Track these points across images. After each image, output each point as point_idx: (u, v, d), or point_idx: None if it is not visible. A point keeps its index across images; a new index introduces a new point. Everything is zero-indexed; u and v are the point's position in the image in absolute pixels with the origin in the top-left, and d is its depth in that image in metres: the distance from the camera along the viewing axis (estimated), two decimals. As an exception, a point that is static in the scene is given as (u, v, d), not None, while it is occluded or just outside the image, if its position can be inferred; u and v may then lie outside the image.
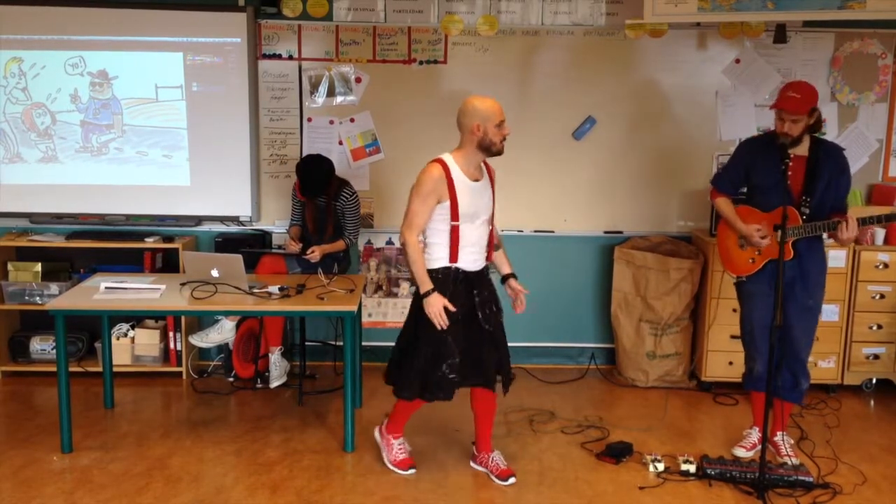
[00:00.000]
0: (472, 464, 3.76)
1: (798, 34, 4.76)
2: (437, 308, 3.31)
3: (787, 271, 3.54)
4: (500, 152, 3.39)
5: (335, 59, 4.79)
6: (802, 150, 3.56)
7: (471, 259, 3.45)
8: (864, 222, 3.48)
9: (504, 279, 3.64)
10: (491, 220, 3.54)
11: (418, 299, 3.40)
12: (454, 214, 3.35)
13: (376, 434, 3.78)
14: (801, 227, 3.51)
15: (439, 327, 3.32)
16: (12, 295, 4.72)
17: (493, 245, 3.58)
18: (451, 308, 3.34)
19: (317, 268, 4.32)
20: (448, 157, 3.40)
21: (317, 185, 4.35)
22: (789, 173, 3.50)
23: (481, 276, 3.52)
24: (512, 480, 3.59)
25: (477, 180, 3.43)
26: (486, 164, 3.51)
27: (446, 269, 3.41)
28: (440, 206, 3.36)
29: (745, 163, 3.71)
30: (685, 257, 4.72)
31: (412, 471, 3.61)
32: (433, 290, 3.33)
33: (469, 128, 3.34)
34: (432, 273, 3.39)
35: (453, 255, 3.40)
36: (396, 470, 3.62)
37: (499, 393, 3.65)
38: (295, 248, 4.40)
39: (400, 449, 3.66)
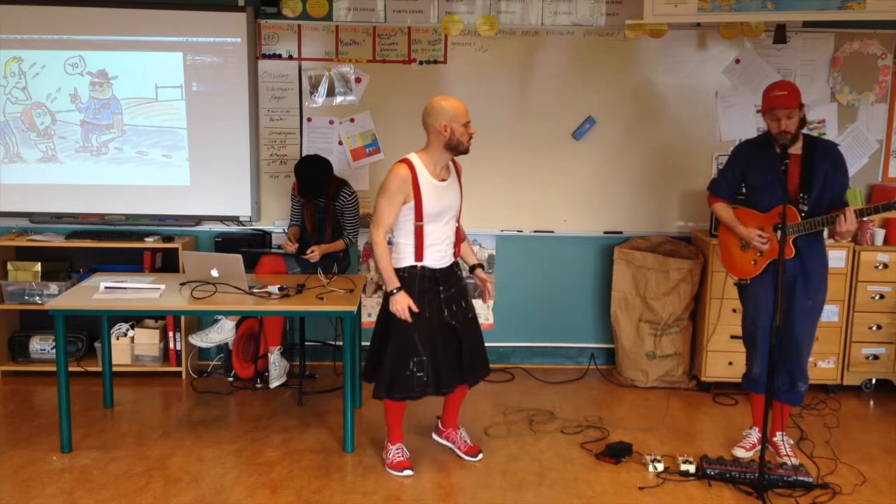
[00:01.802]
0: (434, 436, 3.86)
1: (798, 34, 4.76)
2: (402, 305, 3.39)
3: (788, 270, 3.55)
4: (466, 151, 3.45)
5: (335, 59, 4.79)
6: (796, 148, 3.56)
7: (437, 257, 3.50)
8: (861, 213, 3.49)
9: (471, 269, 3.72)
10: (458, 218, 3.59)
11: (387, 299, 3.46)
12: (418, 215, 3.40)
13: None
14: (800, 224, 3.52)
15: (404, 318, 3.39)
16: (12, 295, 4.72)
17: (460, 241, 3.63)
18: (415, 309, 3.40)
19: (316, 268, 4.32)
20: (415, 158, 3.44)
21: (315, 185, 4.35)
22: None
23: (449, 274, 3.56)
24: (480, 456, 3.73)
25: (444, 180, 3.47)
26: (453, 160, 3.55)
27: (412, 268, 3.47)
28: (406, 207, 3.41)
29: (742, 165, 3.72)
30: (685, 257, 4.72)
31: (407, 472, 3.61)
32: (399, 289, 3.40)
33: (436, 128, 3.38)
34: (399, 272, 3.46)
35: (418, 254, 3.46)
36: (393, 473, 3.63)
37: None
38: (291, 248, 4.40)
39: (397, 453, 3.68)
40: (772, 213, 3.60)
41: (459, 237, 3.62)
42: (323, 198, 4.43)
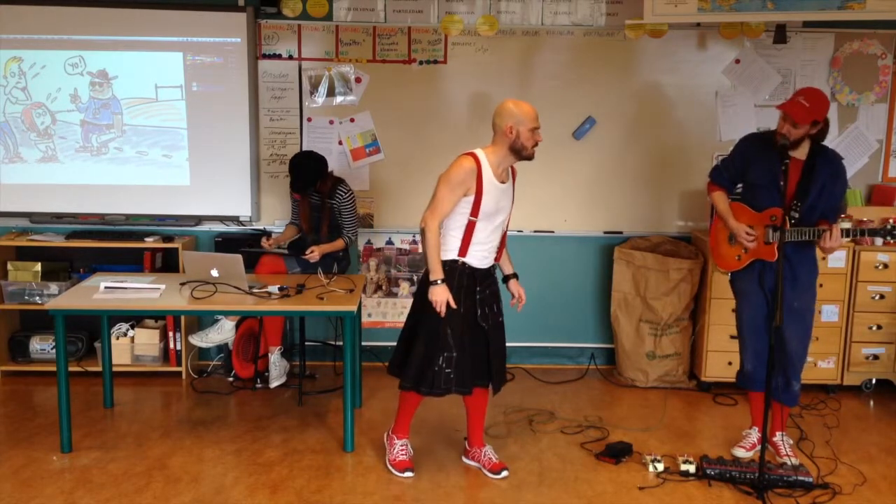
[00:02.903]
0: (463, 459, 3.79)
1: (798, 34, 4.76)
2: (441, 298, 3.36)
3: (774, 272, 3.58)
4: (530, 157, 3.42)
5: (335, 59, 4.79)
6: (801, 153, 3.56)
7: (479, 256, 3.48)
8: (847, 233, 3.49)
9: (506, 279, 3.69)
10: (507, 223, 3.58)
11: (423, 289, 3.44)
12: (475, 211, 3.39)
13: (385, 438, 3.80)
14: (787, 231, 3.51)
15: (439, 311, 3.37)
16: (12, 295, 4.72)
17: (503, 247, 3.61)
18: (453, 305, 3.39)
19: (316, 268, 4.32)
20: (481, 154, 3.42)
21: (304, 180, 4.33)
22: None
23: (486, 275, 3.55)
24: (504, 474, 3.63)
25: (503, 182, 3.46)
26: (511, 166, 3.52)
27: (453, 262, 3.45)
28: (464, 200, 3.38)
29: (744, 159, 3.72)
30: (685, 258, 4.72)
31: (408, 473, 3.61)
32: (443, 281, 3.38)
33: (503, 129, 3.36)
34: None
35: (463, 250, 3.44)
36: (393, 470, 3.62)
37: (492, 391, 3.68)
38: (268, 244, 4.40)
39: (401, 450, 3.67)
40: (764, 214, 3.61)
41: (503, 243, 3.62)
42: (317, 195, 4.43)
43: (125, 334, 4.75)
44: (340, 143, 4.88)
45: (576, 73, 4.82)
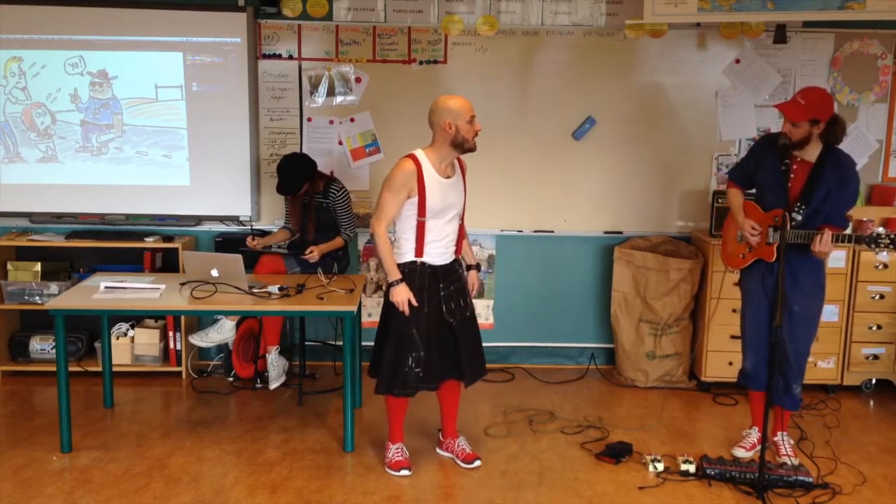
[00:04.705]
0: (437, 450, 3.83)
1: (798, 34, 4.76)
2: (402, 298, 3.41)
3: (775, 273, 3.58)
4: (472, 149, 3.46)
5: (335, 59, 4.79)
6: (811, 155, 3.54)
7: (437, 253, 3.51)
8: (838, 238, 3.47)
9: (467, 269, 3.75)
10: (461, 216, 3.60)
11: (388, 292, 3.47)
12: (422, 210, 3.42)
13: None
14: (785, 232, 3.50)
15: (402, 311, 3.42)
16: (12, 295, 4.72)
17: (462, 239, 3.64)
18: (415, 303, 3.43)
19: (316, 268, 4.32)
20: (420, 154, 3.46)
21: (288, 183, 4.34)
22: (791, 176, 3.50)
23: (449, 271, 3.57)
24: (477, 464, 3.69)
25: (448, 177, 3.49)
26: (458, 159, 3.57)
27: (412, 264, 3.49)
28: (409, 202, 3.42)
29: (755, 158, 3.73)
30: (685, 258, 4.72)
31: (404, 472, 3.61)
32: (401, 281, 3.42)
33: (441, 126, 3.40)
34: (399, 267, 3.47)
35: (419, 250, 3.48)
36: (390, 471, 3.63)
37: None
38: (252, 244, 4.40)
39: (396, 453, 3.68)
40: (769, 214, 3.61)
41: (461, 235, 3.64)
42: (307, 196, 4.43)
43: (125, 334, 4.75)
44: (340, 143, 4.88)
45: (576, 73, 4.82)
